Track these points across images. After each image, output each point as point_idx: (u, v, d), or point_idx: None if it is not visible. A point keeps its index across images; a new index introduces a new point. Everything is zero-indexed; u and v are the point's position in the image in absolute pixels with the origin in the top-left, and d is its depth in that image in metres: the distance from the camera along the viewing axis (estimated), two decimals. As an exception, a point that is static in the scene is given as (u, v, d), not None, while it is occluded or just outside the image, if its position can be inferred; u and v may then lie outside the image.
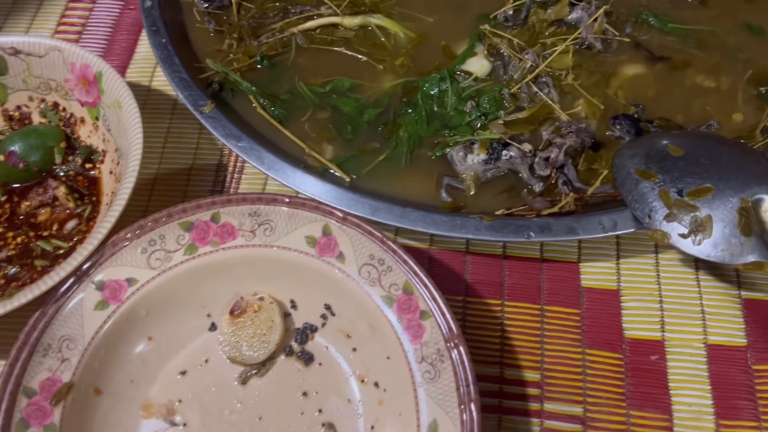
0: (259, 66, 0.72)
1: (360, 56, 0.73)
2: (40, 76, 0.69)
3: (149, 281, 0.57)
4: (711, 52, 0.71)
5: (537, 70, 0.68)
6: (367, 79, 0.72)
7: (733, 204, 0.54)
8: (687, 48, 0.71)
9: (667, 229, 0.55)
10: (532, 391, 0.56)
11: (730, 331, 0.58)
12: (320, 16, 0.75)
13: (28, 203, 0.66)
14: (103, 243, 0.57)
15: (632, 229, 0.57)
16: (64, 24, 0.81)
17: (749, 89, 0.68)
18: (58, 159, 0.68)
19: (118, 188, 0.60)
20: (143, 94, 0.75)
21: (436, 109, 0.69)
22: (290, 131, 0.68)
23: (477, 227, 0.59)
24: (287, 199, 0.58)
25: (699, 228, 0.54)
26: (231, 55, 0.73)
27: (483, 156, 0.64)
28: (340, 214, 0.57)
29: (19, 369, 0.53)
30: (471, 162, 0.64)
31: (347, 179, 0.64)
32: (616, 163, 0.60)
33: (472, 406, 0.49)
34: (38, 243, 0.64)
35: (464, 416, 0.49)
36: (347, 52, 0.73)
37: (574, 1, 0.71)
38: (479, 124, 0.67)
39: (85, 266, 0.56)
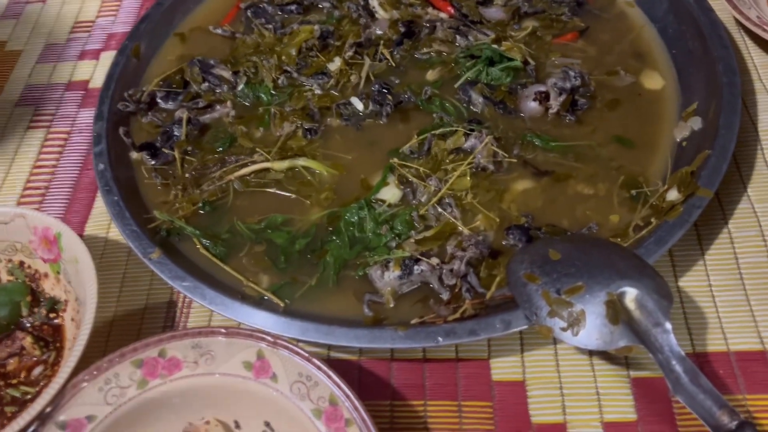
0: (201, 211, 0.83)
1: (290, 194, 0.84)
2: (6, 240, 0.78)
3: (107, 416, 0.64)
4: (588, 163, 0.82)
5: (440, 194, 0.79)
6: (297, 213, 0.82)
7: (602, 298, 0.63)
8: (567, 161, 0.83)
9: (550, 324, 0.64)
10: (454, 481, 0.63)
11: (622, 408, 0.65)
12: (253, 162, 0.86)
13: (-2, 355, 0.74)
14: (64, 386, 0.64)
15: (524, 327, 0.66)
16: (30, 188, 0.92)
17: (622, 193, 0.79)
18: (24, 312, 0.76)
19: (77, 335, 0.68)
20: (101, 245, 0.85)
21: (357, 234, 0.79)
22: (231, 266, 0.77)
23: (393, 337, 0.67)
24: (224, 330, 0.66)
25: (575, 321, 0.63)
26: (177, 204, 0.83)
27: (397, 272, 0.73)
28: (271, 339, 0.65)
29: None
30: (388, 279, 0.74)
31: (281, 304, 0.73)
32: (509, 269, 0.70)
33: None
34: (8, 391, 0.71)
35: None
36: (278, 192, 0.84)
37: (468, 131, 0.83)
38: (394, 244, 0.77)
39: (48, 410, 0.63)
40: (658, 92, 0.89)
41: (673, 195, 0.74)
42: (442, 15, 1.00)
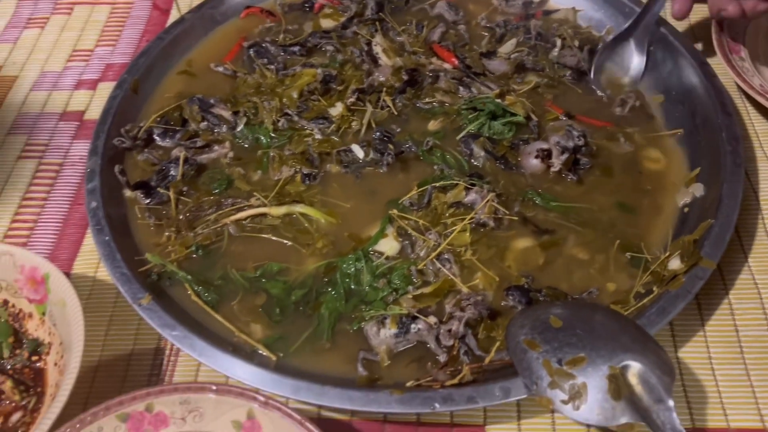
0: (194, 255, 0.81)
1: (286, 241, 0.82)
2: (-9, 277, 0.76)
3: (87, 473, 0.62)
4: (587, 227, 0.81)
5: (439, 249, 0.78)
6: (293, 262, 0.80)
7: (604, 371, 0.62)
8: (568, 223, 0.82)
9: (550, 396, 0.62)
10: None
11: (620, 483, 0.64)
12: (250, 206, 0.84)
13: (-26, 398, 0.71)
14: (44, 439, 0.61)
15: (524, 396, 0.65)
16: (17, 221, 0.89)
17: (620, 257, 0.78)
18: (6, 353, 0.74)
19: (61, 381, 0.66)
20: (88, 285, 0.82)
21: (353, 286, 0.77)
22: (222, 314, 0.75)
23: (388, 401, 0.65)
24: (214, 387, 0.64)
25: (576, 395, 0.61)
26: (169, 246, 0.81)
27: (394, 330, 0.72)
28: (263, 399, 0.63)
29: None
30: (383, 336, 0.72)
31: (274, 358, 0.71)
32: (509, 332, 0.68)
33: None
34: (-18, 438, 0.68)
35: None
36: (274, 238, 0.82)
37: (469, 186, 0.82)
38: (392, 299, 0.75)
39: (25, 464, 0.60)
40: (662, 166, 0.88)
41: (675, 264, 0.74)
42: (446, 65, 1.00)
